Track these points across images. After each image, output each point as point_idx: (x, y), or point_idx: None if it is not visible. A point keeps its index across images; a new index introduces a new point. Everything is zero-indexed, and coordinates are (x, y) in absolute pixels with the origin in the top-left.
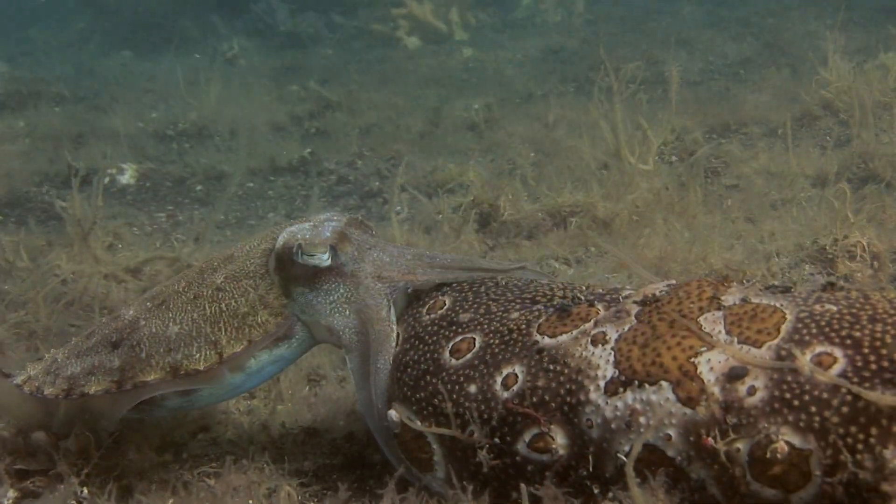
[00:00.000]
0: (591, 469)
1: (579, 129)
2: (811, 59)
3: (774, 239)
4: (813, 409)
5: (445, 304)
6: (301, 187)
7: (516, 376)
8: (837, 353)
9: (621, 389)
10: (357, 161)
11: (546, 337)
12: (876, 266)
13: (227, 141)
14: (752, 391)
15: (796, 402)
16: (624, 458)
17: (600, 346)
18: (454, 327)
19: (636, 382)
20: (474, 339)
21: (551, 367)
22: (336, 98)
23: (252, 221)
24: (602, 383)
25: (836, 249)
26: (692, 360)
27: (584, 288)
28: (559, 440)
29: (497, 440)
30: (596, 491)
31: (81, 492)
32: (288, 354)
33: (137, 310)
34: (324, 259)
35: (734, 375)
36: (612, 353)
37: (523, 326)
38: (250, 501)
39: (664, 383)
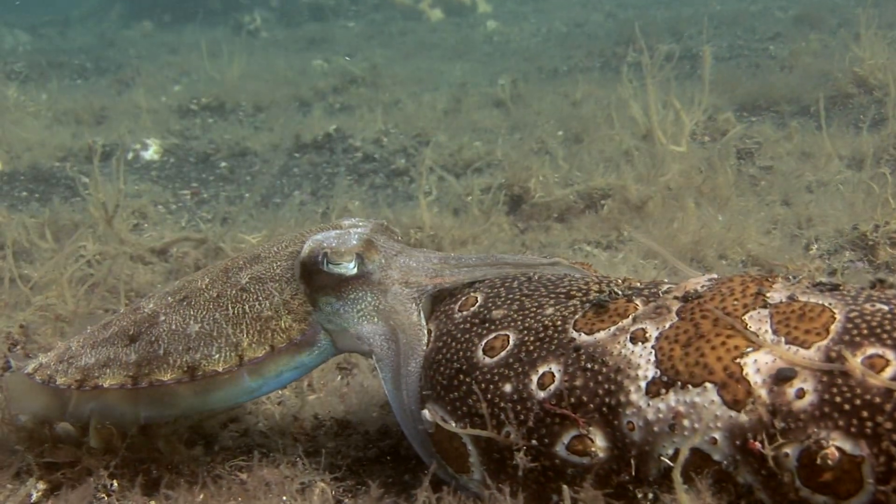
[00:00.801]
0: (633, 473)
1: (607, 108)
2: (843, 35)
3: (812, 224)
4: (865, 413)
5: (477, 301)
6: (326, 164)
7: (553, 375)
8: (890, 355)
9: (664, 391)
10: (383, 138)
11: (583, 334)
12: None
13: (250, 116)
14: (800, 394)
15: (847, 407)
16: (668, 462)
17: (640, 344)
18: (487, 324)
19: (679, 384)
20: (508, 336)
21: (589, 365)
22: (360, 72)
23: (277, 199)
24: (643, 384)
25: (877, 236)
26: (738, 360)
27: (620, 281)
28: (599, 443)
29: (535, 442)
30: (640, 495)
31: (111, 485)
32: (309, 362)
33: (157, 304)
34: (350, 268)
35: (782, 377)
36: (653, 351)
37: (559, 323)
38: (284, 498)
39: (709, 385)
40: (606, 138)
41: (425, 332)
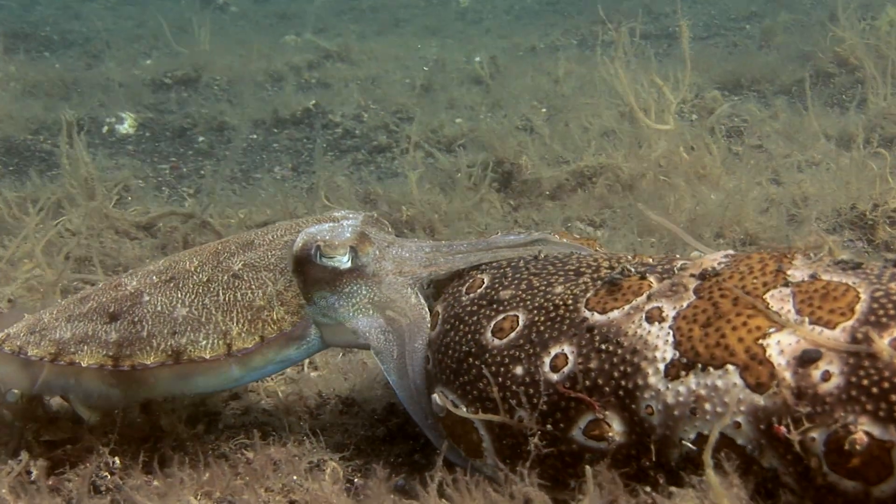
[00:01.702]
0: (654, 458)
1: (590, 86)
2: (819, 15)
3: (808, 203)
4: (894, 397)
5: (484, 282)
6: (307, 140)
7: (566, 357)
8: None
9: (683, 373)
10: (363, 114)
11: (596, 313)
12: None
13: (225, 90)
14: (826, 377)
15: (875, 390)
16: (690, 446)
17: (657, 323)
18: (495, 305)
19: (700, 366)
20: (517, 316)
21: (604, 346)
22: (334, 48)
23: (258, 174)
24: (661, 366)
25: (876, 215)
26: (760, 341)
27: (630, 258)
28: (616, 427)
29: (550, 427)
30: (661, 480)
31: (113, 462)
32: (295, 356)
33: (141, 282)
34: (344, 261)
35: (807, 359)
36: (671, 332)
37: (570, 301)
38: (294, 477)
39: (731, 367)
40: (590, 115)
41: (427, 311)
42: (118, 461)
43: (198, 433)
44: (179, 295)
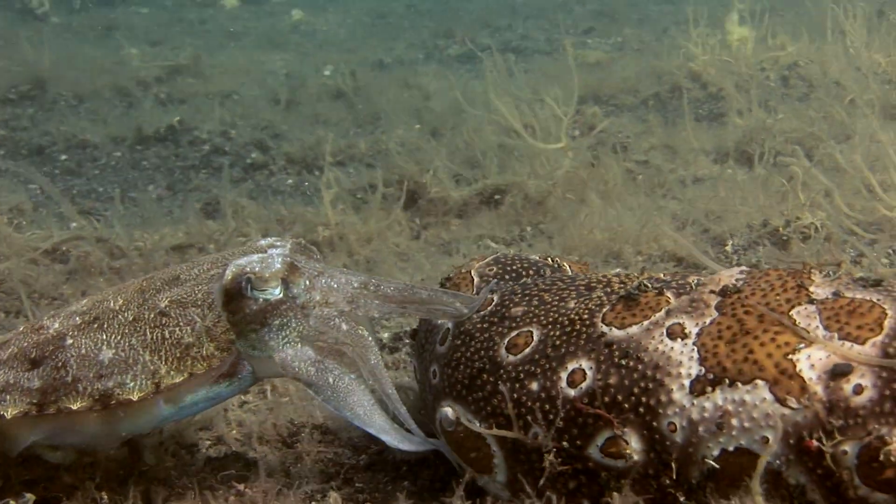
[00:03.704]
0: (674, 476)
1: (468, 101)
2: (655, 30)
3: (717, 219)
4: None
5: (493, 301)
6: (176, 158)
7: (584, 372)
8: None
9: (709, 389)
10: (230, 131)
11: (614, 328)
12: (829, 247)
13: (72, 106)
14: (858, 390)
15: None
16: (712, 463)
17: (679, 339)
18: (507, 322)
19: (727, 381)
20: (531, 332)
21: (623, 362)
22: (184, 62)
23: (133, 194)
24: (687, 382)
25: (789, 231)
26: (790, 357)
27: (636, 275)
28: (633, 444)
29: (566, 444)
30: (682, 499)
31: (101, 498)
32: (225, 393)
33: (64, 325)
34: (275, 294)
35: (838, 373)
36: (695, 348)
37: (586, 316)
38: None
39: (760, 382)
40: (471, 132)
41: (364, 329)
42: (106, 497)
43: (183, 464)
44: (104, 336)
